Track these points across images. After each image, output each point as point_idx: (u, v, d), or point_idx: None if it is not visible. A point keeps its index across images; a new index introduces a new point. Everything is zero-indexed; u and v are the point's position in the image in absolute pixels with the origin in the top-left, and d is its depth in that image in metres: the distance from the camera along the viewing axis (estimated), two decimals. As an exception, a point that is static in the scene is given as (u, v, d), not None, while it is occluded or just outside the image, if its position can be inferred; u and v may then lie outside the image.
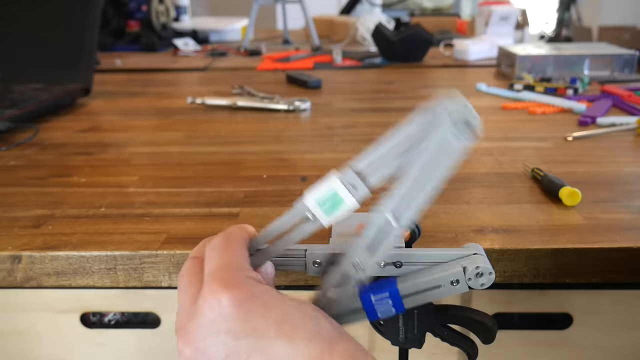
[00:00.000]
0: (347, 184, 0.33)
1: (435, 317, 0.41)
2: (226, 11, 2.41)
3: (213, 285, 0.30)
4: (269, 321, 0.29)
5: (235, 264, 0.32)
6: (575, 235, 0.44)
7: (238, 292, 0.29)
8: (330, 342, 0.29)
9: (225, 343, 0.29)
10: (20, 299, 0.49)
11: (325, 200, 0.34)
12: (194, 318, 0.30)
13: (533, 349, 0.50)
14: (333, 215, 0.34)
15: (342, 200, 0.34)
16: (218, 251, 0.33)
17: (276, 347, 0.28)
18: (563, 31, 1.42)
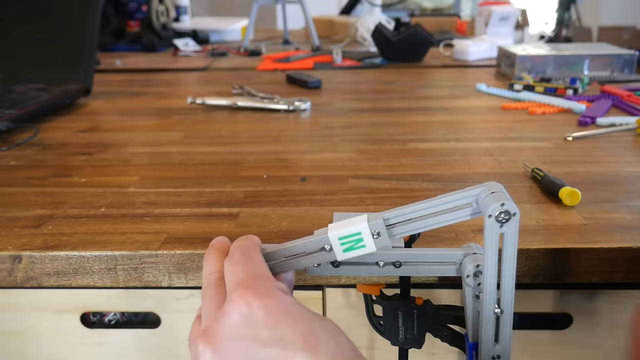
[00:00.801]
0: (374, 231, 0.34)
1: (435, 317, 0.41)
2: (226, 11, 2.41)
3: (243, 292, 0.30)
4: (296, 333, 0.29)
5: (262, 274, 0.32)
6: (575, 235, 0.44)
7: (269, 299, 0.29)
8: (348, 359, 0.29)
9: (249, 349, 0.29)
10: (21, 299, 0.49)
11: (349, 239, 0.35)
12: (219, 321, 0.30)
13: (533, 349, 0.50)
14: (349, 254, 0.35)
15: (364, 245, 0.34)
16: (241, 264, 0.32)
17: (300, 359, 0.28)
18: (563, 31, 1.42)
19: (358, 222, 0.34)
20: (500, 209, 0.32)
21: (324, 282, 0.45)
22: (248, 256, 0.33)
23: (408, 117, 0.81)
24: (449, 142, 0.69)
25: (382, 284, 0.43)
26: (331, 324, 0.31)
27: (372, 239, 0.34)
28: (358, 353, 0.31)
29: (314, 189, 0.55)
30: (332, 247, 0.35)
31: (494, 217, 0.32)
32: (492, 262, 0.34)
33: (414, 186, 0.55)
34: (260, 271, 0.32)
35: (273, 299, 0.30)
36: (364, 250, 0.35)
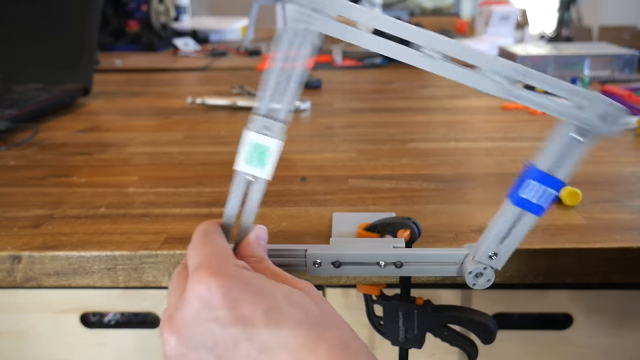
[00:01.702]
0: (261, 130, 0.34)
1: (435, 317, 0.41)
2: (226, 11, 2.41)
3: (200, 274, 0.29)
4: (256, 309, 0.29)
5: (218, 254, 0.32)
6: (575, 235, 0.44)
7: (225, 279, 0.29)
8: (319, 330, 0.29)
9: (212, 332, 0.29)
10: (20, 299, 0.49)
11: (252, 156, 0.34)
12: (180, 308, 0.30)
13: (533, 349, 0.50)
14: (267, 164, 0.35)
15: (265, 147, 0.34)
16: (199, 247, 0.33)
17: (264, 336, 0.28)
18: (563, 31, 1.42)
19: (244, 137, 0.34)
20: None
21: (324, 282, 0.45)
22: (206, 239, 0.33)
23: (408, 117, 0.81)
24: (449, 142, 0.69)
25: (382, 284, 0.43)
26: (298, 294, 0.31)
27: (267, 137, 0.34)
28: (335, 320, 0.31)
29: (314, 189, 0.55)
30: (252, 174, 0.35)
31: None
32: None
33: (414, 186, 0.55)
34: (219, 252, 0.32)
35: (230, 278, 0.29)
36: (272, 151, 0.34)
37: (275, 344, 0.28)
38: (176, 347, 0.30)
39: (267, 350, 0.28)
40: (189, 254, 0.33)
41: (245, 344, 0.28)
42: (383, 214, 0.47)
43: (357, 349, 0.29)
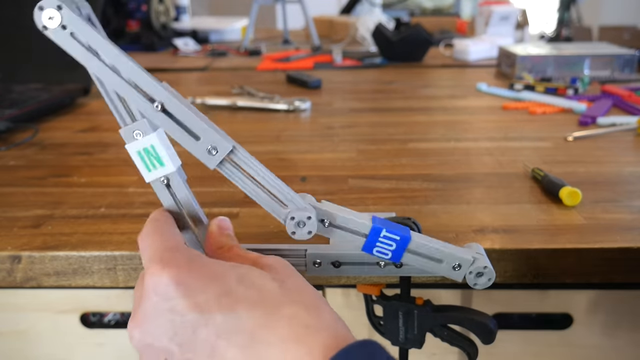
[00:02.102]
0: (133, 137, 0.35)
1: (435, 317, 0.41)
2: (226, 11, 2.41)
3: (152, 268, 0.30)
4: (208, 295, 0.29)
5: (169, 243, 0.32)
6: (575, 235, 0.44)
7: (176, 270, 0.30)
8: (275, 307, 0.29)
9: (171, 321, 0.29)
10: (20, 299, 0.49)
11: (147, 162, 0.35)
12: (140, 303, 0.31)
13: (533, 349, 0.50)
14: (164, 158, 0.35)
15: (149, 146, 0.35)
16: (147, 237, 0.33)
17: (219, 320, 0.29)
18: (563, 31, 1.42)
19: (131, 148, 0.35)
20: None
21: (324, 282, 0.45)
22: (154, 228, 0.34)
23: (408, 117, 0.81)
24: (449, 142, 0.69)
25: (382, 284, 0.43)
26: (255, 274, 0.31)
27: (143, 139, 0.34)
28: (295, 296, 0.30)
29: (314, 189, 0.55)
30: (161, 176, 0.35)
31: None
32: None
33: (414, 186, 0.55)
34: (169, 241, 0.32)
35: (182, 268, 0.30)
36: (157, 144, 0.35)
37: (231, 327, 0.29)
38: (140, 340, 0.30)
39: (224, 334, 0.29)
40: (140, 245, 0.33)
41: (204, 330, 0.29)
42: (383, 214, 0.47)
43: (320, 324, 0.29)
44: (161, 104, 0.34)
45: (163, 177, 0.35)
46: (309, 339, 0.28)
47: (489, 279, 0.37)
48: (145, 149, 0.34)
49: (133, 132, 0.34)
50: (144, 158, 0.34)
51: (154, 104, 0.33)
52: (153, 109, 0.33)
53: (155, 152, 0.35)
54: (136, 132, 0.34)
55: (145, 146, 0.34)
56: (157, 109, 0.34)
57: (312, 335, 0.28)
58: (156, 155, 0.35)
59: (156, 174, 0.35)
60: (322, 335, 0.28)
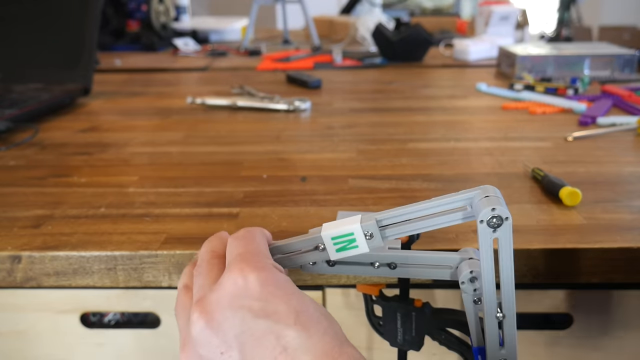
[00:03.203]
0: (367, 232, 0.34)
1: (433, 320, 0.41)
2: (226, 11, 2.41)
3: (241, 264, 0.30)
4: (289, 308, 0.29)
5: (261, 251, 0.33)
6: (575, 235, 0.44)
7: (265, 273, 0.30)
8: (341, 342, 0.30)
9: (243, 319, 0.29)
10: (20, 299, 0.49)
11: (341, 239, 0.35)
12: (215, 291, 0.30)
13: (533, 349, 0.50)
14: (342, 254, 0.35)
15: (356, 245, 0.35)
16: (243, 240, 0.33)
17: (291, 335, 0.29)
18: (563, 31, 1.42)
19: (351, 223, 0.34)
20: (492, 214, 0.32)
21: (324, 282, 0.45)
22: (252, 235, 0.34)
23: (408, 117, 0.81)
24: (449, 142, 0.69)
25: (382, 285, 0.43)
26: (323, 308, 0.32)
27: (365, 240, 0.34)
28: (345, 336, 0.31)
29: (314, 189, 0.55)
30: (325, 246, 0.35)
31: (486, 222, 0.32)
32: (489, 268, 0.33)
33: (414, 186, 0.55)
34: (260, 249, 0.33)
35: (269, 273, 0.30)
36: (356, 251, 0.35)
37: (300, 346, 0.29)
38: (203, 329, 0.30)
39: (291, 350, 0.28)
40: (231, 242, 0.34)
41: (272, 339, 0.29)
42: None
43: None
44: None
45: (323, 249, 0.35)
46: None
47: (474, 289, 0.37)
48: (353, 240, 0.34)
49: (371, 232, 0.34)
50: (345, 237, 0.35)
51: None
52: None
53: (347, 248, 0.35)
54: (370, 235, 0.34)
55: (355, 241, 0.34)
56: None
57: None
58: (344, 249, 0.35)
59: (329, 245, 0.35)
60: None
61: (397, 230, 0.34)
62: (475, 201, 0.33)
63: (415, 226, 0.34)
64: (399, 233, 0.35)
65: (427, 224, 0.34)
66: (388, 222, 0.34)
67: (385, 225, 0.34)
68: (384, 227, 0.34)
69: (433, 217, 0.34)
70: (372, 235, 0.34)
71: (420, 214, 0.34)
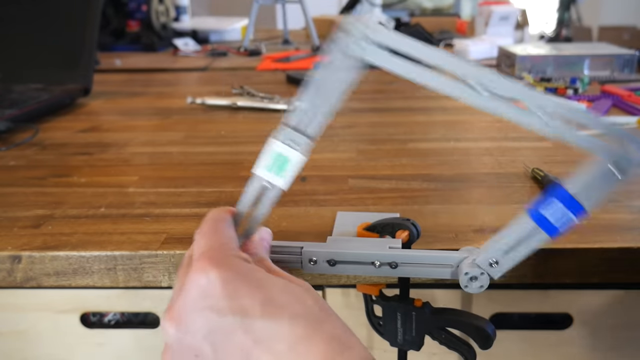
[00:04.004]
0: (286, 141, 0.34)
1: (433, 320, 0.41)
2: (226, 11, 2.41)
3: (201, 263, 0.30)
4: (254, 300, 0.29)
5: (223, 244, 0.32)
6: (575, 236, 0.44)
7: (225, 270, 0.30)
8: (316, 322, 0.29)
9: (209, 320, 0.29)
10: (20, 299, 0.49)
11: (273, 164, 0.35)
12: (180, 296, 0.30)
13: (533, 349, 0.50)
14: (286, 175, 0.35)
15: (287, 158, 0.35)
16: (205, 235, 0.33)
17: (260, 326, 0.29)
18: (563, 31, 1.42)
19: (269, 144, 0.34)
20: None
21: (324, 282, 0.45)
22: (215, 227, 0.34)
23: (408, 117, 0.81)
24: (449, 142, 0.69)
25: (382, 284, 0.43)
26: (298, 288, 0.31)
27: (291, 149, 0.34)
28: (332, 315, 0.31)
29: (314, 189, 0.55)
30: (269, 181, 0.35)
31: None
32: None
33: (414, 186, 0.55)
34: (223, 242, 0.33)
35: (231, 269, 0.30)
36: (293, 163, 0.35)
37: (271, 335, 0.28)
38: (174, 335, 0.30)
39: (263, 341, 0.28)
40: (196, 238, 0.33)
41: (241, 334, 0.29)
42: (386, 214, 0.47)
43: (354, 343, 0.29)
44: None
45: (269, 184, 0.35)
46: (343, 357, 0.28)
47: (481, 285, 0.37)
48: (283, 156, 0.34)
49: (292, 139, 0.34)
50: (275, 160, 0.34)
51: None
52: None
53: (286, 165, 0.35)
54: (294, 142, 0.34)
55: (286, 155, 0.34)
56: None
57: (347, 353, 0.28)
58: (284, 168, 0.35)
59: (268, 175, 0.35)
60: (354, 353, 0.29)
61: (315, 124, 0.35)
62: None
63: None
64: (316, 126, 0.35)
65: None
66: (301, 122, 0.34)
67: (302, 127, 0.35)
68: (301, 130, 0.35)
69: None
70: (294, 141, 0.34)
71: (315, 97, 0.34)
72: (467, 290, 0.37)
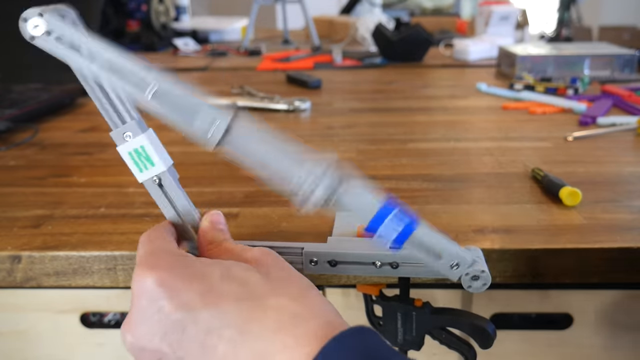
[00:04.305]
0: (123, 139, 0.36)
1: (433, 319, 0.41)
2: (226, 11, 2.41)
3: (137, 272, 0.31)
4: (193, 294, 0.30)
5: (156, 247, 0.33)
6: (575, 235, 0.44)
7: (159, 271, 0.30)
8: (260, 299, 0.30)
9: (159, 323, 0.30)
10: (20, 299, 0.49)
11: (138, 162, 0.36)
12: (132, 307, 0.31)
13: (533, 349, 0.50)
14: (155, 158, 0.36)
15: (139, 147, 0.36)
16: (142, 243, 0.34)
17: (206, 316, 0.29)
18: (563, 31, 1.42)
19: (122, 154, 0.36)
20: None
21: (324, 282, 0.45)
22: (147, 238, 0.34)
23: (408, 117, 0.81)
24: (449, 142, 0.69)
25: (382, 284, 0.43)
26: (240, 268, 0.31)
27: (133, 140, 0.36)
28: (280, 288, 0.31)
29: (314, 189, 0.55)
30: (152, 176, 0.36)
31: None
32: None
33: (414, 186, 0.55)
34: (156, 244, 0.33)
35: (165, 269, 0.30)
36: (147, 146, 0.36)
37: (218, 323, 0.29)
38: (133, 344, 0.31)
39: (212, 330, 0.29)
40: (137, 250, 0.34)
41: (192, 328, 0.29)
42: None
43: (308, 313, 0.29)
44: (153, 91, 0.34)
45: (155, 177, 0.35)
46: (297, 328, 0.28)
47: (484, 284, 0.36)
48: (135, 150, 0.35)
49: (123, 134, 0.35)
50: (135, 159, 0.35)
51: (146, 91, 0.34)
52: (144, 97, 0.34)
53: (145, 152, 0.35)
54: (126, 134, 0.35)
55: (135, 147, 0.35)
56: (149, 97, 0.34)
57: (301, 324, 0.28)
58: (146, 155, 0.35)
59: (148, 174, 0.35)
60: (312, 323, 0.28)
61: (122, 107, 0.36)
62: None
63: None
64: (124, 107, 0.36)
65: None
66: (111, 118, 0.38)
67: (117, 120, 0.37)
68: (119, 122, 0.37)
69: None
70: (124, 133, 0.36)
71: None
72: (470, 290, 0.37)
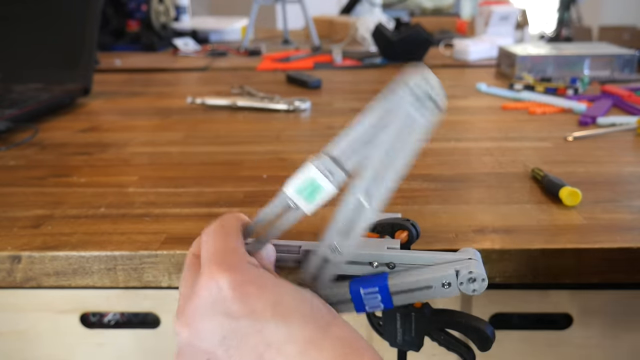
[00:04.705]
0: (324, 170, 0.34)
1: (433, 321, 0.41)
2: (226, 11, 2.41)
3: (210, 268, 0.30)
4: (265, 303, 0.29)
5: (232, 248, 0.32)
6: (575, 236, 0.44)
7: (235, 274, 0.30)
8: (325, 326, 0.30)
9: (222, 324, 0.29)
10: (20, 299, 0.49)
11: (304, 188, 0.34)
12: (191, 301, 0.30)
13: (533, 349, 0.50)
14: (314, 202, 0.34)
15: (321, 187, 0.34)
16: (214, 237, 0.33)
17: (271, 328, 0.29)
18: (563, 31, 1.42)
19: (306, 167, 0.34)
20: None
21: (324, 282, 0.45)
22: (223, 229, 0.34)
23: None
24: (449, 142, 0.69)
25: (382, 284, 0.43)
26: (306, 292, 0.32)
27: (326, 180, 0.34)
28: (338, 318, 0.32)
29: (314, 189, 0.55)
30: (296, 203, 0.35)
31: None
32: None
33: (414, 186, 0.55)
34: (232, 245, 0.33)
35: (239, 272, 0.30)
36: (325, 193, 0.34)
37: (282, 337, 0.29)
38: (187, 339, 0.30)
39: (274, 343, 0.29)
40: (204, 239, 0.33)
41: (254, 337, 0.29)
42: (387, 214, 0.47)
43: (361, 347, 0.30)
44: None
45: (294, 204, 0.35)
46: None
47: (482, 279, 0.36)
48: (316, 183, 0.34)
49: (329, 168, 0.34)
50: (307, 184, 0.34)
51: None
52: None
53: (317, 193, 0.34)
54: (330, 171, 0.34)
55: (319, 183, 0.34)
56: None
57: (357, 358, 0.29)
58: (314, 194, 0.34)
59: (297, 198, 0.34)
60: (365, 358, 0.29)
61: (355, 158, 0.34)
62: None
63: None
64: (357, 160, 0.34)
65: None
66: (342, 154, 0.34)
67: (342, 159, 0.34)
68: (341, 163, 0.34)
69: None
70: (331, 172, 0.34)
71: (368, 132, 0.34)
72: (476, 293, 0.37)
